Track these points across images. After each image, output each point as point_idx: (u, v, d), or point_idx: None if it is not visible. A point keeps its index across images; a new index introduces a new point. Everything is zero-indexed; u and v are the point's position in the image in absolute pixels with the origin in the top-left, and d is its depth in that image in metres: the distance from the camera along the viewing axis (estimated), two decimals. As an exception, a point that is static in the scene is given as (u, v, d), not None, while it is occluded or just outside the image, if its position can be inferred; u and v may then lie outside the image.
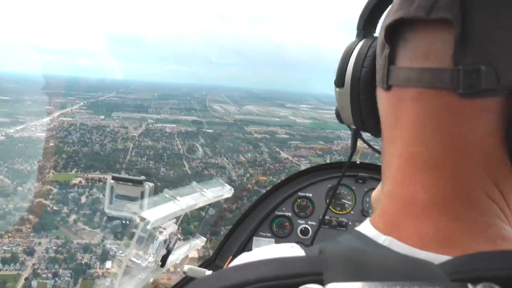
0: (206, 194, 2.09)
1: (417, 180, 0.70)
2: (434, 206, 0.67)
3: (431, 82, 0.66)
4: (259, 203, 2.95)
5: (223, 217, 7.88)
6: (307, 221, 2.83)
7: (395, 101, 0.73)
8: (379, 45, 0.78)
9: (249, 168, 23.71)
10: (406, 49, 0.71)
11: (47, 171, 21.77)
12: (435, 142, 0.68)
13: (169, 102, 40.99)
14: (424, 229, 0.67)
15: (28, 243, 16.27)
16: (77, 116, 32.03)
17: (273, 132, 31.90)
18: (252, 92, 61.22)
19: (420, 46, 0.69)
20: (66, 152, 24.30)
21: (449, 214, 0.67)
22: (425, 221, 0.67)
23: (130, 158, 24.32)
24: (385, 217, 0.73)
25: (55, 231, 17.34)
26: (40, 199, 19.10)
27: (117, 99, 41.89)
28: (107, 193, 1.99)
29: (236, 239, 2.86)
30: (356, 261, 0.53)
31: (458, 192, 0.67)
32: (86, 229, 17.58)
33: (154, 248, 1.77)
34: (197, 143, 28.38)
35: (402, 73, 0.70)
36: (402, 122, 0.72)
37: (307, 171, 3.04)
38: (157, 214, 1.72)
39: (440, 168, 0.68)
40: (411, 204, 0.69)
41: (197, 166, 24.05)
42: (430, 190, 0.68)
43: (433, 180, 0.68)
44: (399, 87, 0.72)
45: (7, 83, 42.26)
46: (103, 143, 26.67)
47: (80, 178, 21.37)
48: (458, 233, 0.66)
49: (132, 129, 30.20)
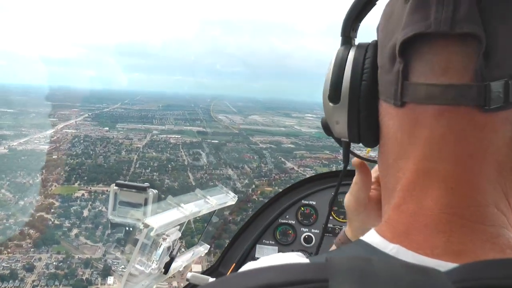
0: (210, 201, 2.07)
1: (429, 193, 0.69)
2: (445, 218, 0.67)
3: (455, 98, 0.65)
4: (262, 211, 2.97)
5: (228, 229, 7.63)
6: (311, 229, 2.85)
7: (411, 118, 0.71)
8: (384, 58, 0.75)
9: (254, 179, 23.56)
10: (421, 63, 0.68)
11: (50, 184, 21.55)
12: (454, 157, 0.67)
13: (173, 112, 41.00)
14: (435, 241, 0.66)
15: (27, 259, 15.90)
16: (81, 128, 31.92)
17: (278, 141, 31.76)
18: (257, 101, 61.18)
19: (437, 61, 0.67)
20: (69, 164, 24.12)
21: (460, 226, 0.66)
22: (436, 232, 0.66)
23: (134, 170, 24.09)
24: (394, 227, 0.72)
25: (56, 246, 17.03)
26: (42, 213, 18.80)
27: (122, 110, 41.91)
28: (110, 199, 1.98)
29: (240, 246, 2.89)
30: (362, 269, 0.53)
31: (470, 204, 0.67)
32: (88, 243, 17.30)
33: (157, 255, 1.77)
34: (203, 152, 28.22)
35: (422, 90, 0.68)
36: (418, 138, 0.70)
37: (311, 179, 3.05)
38: (160, 221, 1.70)
39: (455, 181, 0.67)
40: (422, 216, 0.68)
41: (202, 177, 23.82)
42: (442, 202, 0.67)
43: (446, 193, 0.67)
44: (415, 104, 0.69)
45: (13, 95, 42.13)
46: (107, 155, 26.51)
47: (83, 191, 21.17)
48: (468, 243, 0.65)
49: (136, 141, 30.04)
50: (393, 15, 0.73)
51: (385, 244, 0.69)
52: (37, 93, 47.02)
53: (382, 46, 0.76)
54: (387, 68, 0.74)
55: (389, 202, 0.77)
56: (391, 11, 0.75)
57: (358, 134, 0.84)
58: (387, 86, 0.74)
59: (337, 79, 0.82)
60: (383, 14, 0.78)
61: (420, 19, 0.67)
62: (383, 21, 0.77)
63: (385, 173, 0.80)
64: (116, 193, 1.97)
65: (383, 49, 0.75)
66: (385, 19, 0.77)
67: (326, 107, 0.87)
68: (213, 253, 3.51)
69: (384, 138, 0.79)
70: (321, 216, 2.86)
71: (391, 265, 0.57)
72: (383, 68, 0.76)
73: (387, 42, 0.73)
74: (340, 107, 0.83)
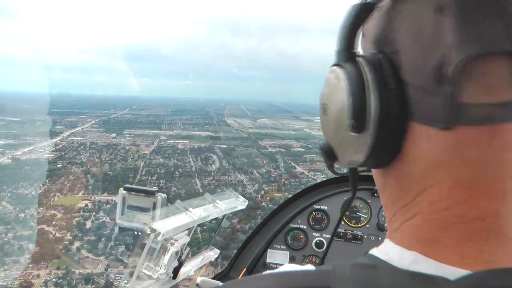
0: (219, 205, 2.06)
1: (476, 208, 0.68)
2: (483, 228, 0.67)
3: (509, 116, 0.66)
4: (274, 215, 2.99)
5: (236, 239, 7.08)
6: (322, 233, 2.86)
7: (459, 140, 0.68)
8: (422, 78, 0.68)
9: (264, 184, 22.93)
10: (471, 83, 0.66)
11: (53, 194, 20.85)
12: (506, 173, 0.67)
13: (182, 117, 40.63)
14: (466, 250, 0.66)
15: (25, 276, 14.96)
16: (88, 135, 31.47)
17: (288, 145, 31.25)
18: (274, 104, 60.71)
19: (489, 79, 0.65)
20: (74, 173, 23.45)
21: (496, 236, 0.66)
22: (468, 241, 0.66)
23: (140, 178, 23.35)
24: (415, 235, 0.71)
25: (55, 261, 16.17)
26: (43, 225, 17.92)
27: (129, 116, 41.65)
28: (119, 204, 1.96)
29: (250, 251, 2.89)
30: (364, 277, 0.56)
31: (509, 214, 0.67)
32: (90, 257, 16.41)
33: (165, 260, 1.74)
34: (212, 156, 27.72)
35: (479, 111, 0.66)
36: (464, 160, 0.68)
37: (323, 184, 3.06)
38: (168, 225, 1.68)
39: (500, 191, 0.67)
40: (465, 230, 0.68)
41: (209, 184, 23.11)
42: (491, 218, 0.67)
43: (488, 203, 0.67)
44: (466, 126, 0.67)
45: (19, 104, 41.87)
46: (113, 162, 25.87)
47: (86, 201, 20.39)
48: (500, 253, 0.65)
49: (143, 147, 29.52)
50: (423, 28, 0.67)
51: (401, 252, 0.68)
52: (44, 100, 46.54)
53: (418, 64, 0.68)
54: (430, 89, 0.67)
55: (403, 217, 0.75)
56: (417, 24, 0.68)
57: (377, 161, 0.78)
58: (431, 109, 0.68)
59: (360, 105, 0.72)
60: (403, 28, 0.70)
61: (477, 36, 0.63)
62: (409, 35, 0.69)
63: (396, 191, 0.78)
64: (125, 197, 1.95)
65: (418, 68, 0.68)
66: (410, 33, 0.69)
67: (342, 137, 0.79)
68: (220, 264, 3.31)
69: (405, 160, 0.74)
70: (332, 221, 2.87)
71: (395, 273, 0.59)
72: (422, 90, 0.69)
73: (425, 61, 0.67)
74: (364, 136, 0.74)
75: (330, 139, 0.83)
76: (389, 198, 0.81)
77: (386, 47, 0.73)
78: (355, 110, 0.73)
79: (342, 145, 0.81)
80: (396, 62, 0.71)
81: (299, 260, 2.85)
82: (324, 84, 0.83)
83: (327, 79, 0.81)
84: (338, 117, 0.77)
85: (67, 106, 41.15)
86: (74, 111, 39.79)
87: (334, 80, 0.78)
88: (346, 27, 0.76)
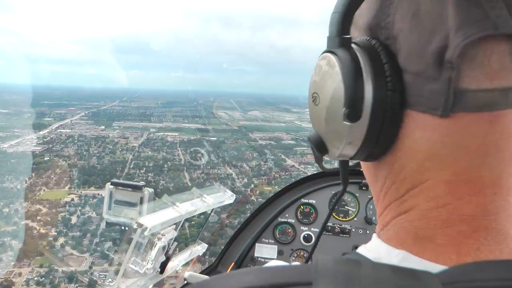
0: (207, 200, 2.03)
1: (473, 203, 0.65)
2: (483, 224, 0.64)
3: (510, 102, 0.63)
4: (262, 210, 2.98)
5: (224, 234, 7.02)
6: (310, 227, 2.86)
7: (459, 127, 0.64)
8: (422, 64, 0.64)
9: (253, 178, 22.79)
10: (471, 67, 0.62)
11: (38, 188, 20.54)
12: (502, 163, 0.65)
13: (172, 109, 40.37)
14: (465, 249, 0.63)
15: (7, 274, 14.45)
16: (76, 127, 31.18)
17: (278, 138, 31.15)
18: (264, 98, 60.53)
19: (490, 63, 0.61)
20: (61, 166, 23.16)
21: (496, 233, 0.64)
22: (467, 239, 0.64)
23: (128, 171, 23.14)
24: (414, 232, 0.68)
25: (38, 258, 15.78)
26: (27, 221, 17.62)
27: (119, 107, 41.39)
28: (106, 198, 1.94)
29: (239, 245, 2.89)
30: (347, 272, 0.54)
31: (507, 208, 0.65)
32: (74, 254, 16.12)
33: (152, 255, 1.72)
34: (203, 150, 27.63)
35: (479, 97, 0.63)
36: (464, 148, 0.65)
37: (311, 178, 3.06)
38: (155, 220, 1.67)
39: (498, 186, 0.65)
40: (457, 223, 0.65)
41: (198, 178, 22.95)
42: (483, 209, 0.65)
43: (489, 199, 0.65)
44: (466, 113, 0.63)
45: (8, 95, 41.32)
46: (100, 155, 25.64)
47: (73, 195, 20.16)
48: (497, 252, 0.63)
49: (132, 139, 29.31)
50: (422, 12, 0.63)
51: (389, 251, 0.67)
52: (34, 92, 46.09)
53: (416, 49, 0.64)
54: (428, 75, 0.64)
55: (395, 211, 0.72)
56: (415, 8, 0.64)
57: (371, 152, 0.73)
58: (429, 95, 0.65)
59: (356, 92, 0.67)
60: (400, 12, 0.66)
61: (479, 18, 0.60)
62: (407, 20, 0.65)
63: (388, 184, 0.74)
64: (112, 192, 1.94)
65: (416, 53, 0.64)
66: (408, 17, 0.65)
67: (333, 128, 0.73)
68: (208, 261, 3.39)
69: (399, 151, 0.70)
70: (320, 215, 2.87)
71: (378, 268, 0.57)
72: (420, 76, 0.65)
73: (424, 46, 0.63)
74: (359, 125, 0.69)
75: (320, 130, 0.78)
76: (381, 192, 0.77)
77: (381, 32, 0.69)
78: (350, 97, 0.68)
79: (333, 136, 0.75)
80: (392, 48, 0.67)
81: (287, 254, 2.86)
82: (314, 72, 0.77)
83: (317, 66, 0.75)
84: (329, 106, 0.71)
85: (57, 98, 40.82)
86: (63, 103, 39.47)
87: (326, 67, 0.72)
88: (339, 12, 0.70)
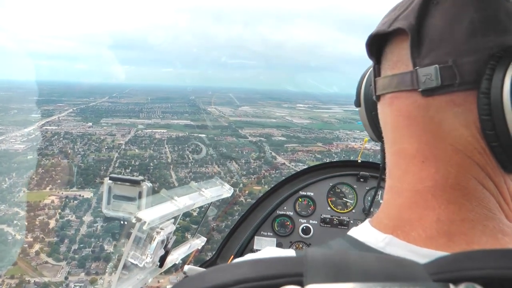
0: (205, 193, 2.05)
1: (411, 173, 0.74)
2: (432, 196, 0.71)
3: (398, 85, 0.76)
4: (260, 203, 3.01)
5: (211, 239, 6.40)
6: (309, 220, 2.89)
7: (382, 108, 0.83)
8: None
9: (243, 177, 22.25)
10: (385, 61, 0.81)
11: (18, 189, 19.70)
12: (414, 136, 0.74)
13: (162, 105, 39.60)
14: (427, 221, 0.70)
15: None
16: (63, 124, 30.34)
17: (269, 134, 30.70)
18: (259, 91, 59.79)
19: (391, 56, 0.79)
20: (43, 165, 22.35)
21: (448, 204, 0.70)
22: (426, 211, 0.70)
23: (112, 170, 22.25)
24: (388, 211, 0.77)
25: (11, 268, 14.60)
26: (3, 225, 16.56)
27: (108, 104, 40.61)
28: (104, 193, 1.93)
29: (238, 238, 2.92)
30: (336, 262, 0.55)
31: (453, 181, 0.71)
32: (49, 262, 15.26)
33: (151, 249, 1.74)
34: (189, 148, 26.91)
35: (381, 82, 0.81)
36: (388, 124, 0.81)
37: (308, 170, 3.08)
38: (153, 214, 1.68)
39: (429, 159, 0.72)
40: (413, 196, 0.73)
41: (186, 177, 22.21)
42: (426, 182, 0.72)
43: (427, 172, 0.72)
44: (383, 96, 0.81)
45: (-5, 92, 40.45)
46: (86, 154, 24.85)
47: (53, 197, 19.36)
48: (459, 222, 0.68)
49: (119, 136, 28.63)
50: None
51: (377, 235, 0.72)
52: (23, 88, 45.12)
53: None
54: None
55: (386, 184, 0.82)
56: None
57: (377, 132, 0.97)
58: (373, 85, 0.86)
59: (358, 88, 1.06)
60: None
61: (385, 22, 0.79)
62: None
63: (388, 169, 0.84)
64: (110, 187, 1.92)
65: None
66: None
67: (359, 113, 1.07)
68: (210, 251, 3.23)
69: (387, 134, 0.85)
70: (319, 207, 2.90)
71: (364, 257, 0.58)
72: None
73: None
74: (362, 110, 1.05)
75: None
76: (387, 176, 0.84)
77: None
78: (356, 91, 0.99)
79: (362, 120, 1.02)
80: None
81: (286, 246, 2.85)
82: None
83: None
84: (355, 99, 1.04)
85: (45, 94, 39.85)
86: (52, 99, 38.55)
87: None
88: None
